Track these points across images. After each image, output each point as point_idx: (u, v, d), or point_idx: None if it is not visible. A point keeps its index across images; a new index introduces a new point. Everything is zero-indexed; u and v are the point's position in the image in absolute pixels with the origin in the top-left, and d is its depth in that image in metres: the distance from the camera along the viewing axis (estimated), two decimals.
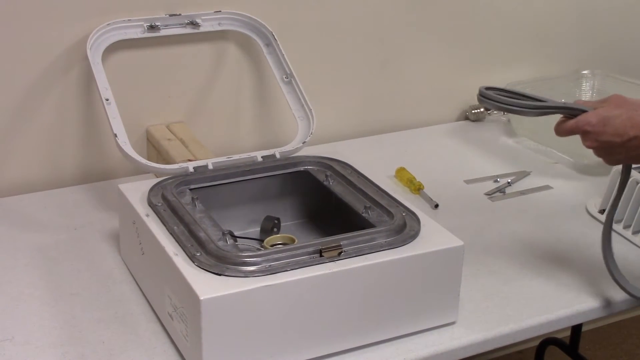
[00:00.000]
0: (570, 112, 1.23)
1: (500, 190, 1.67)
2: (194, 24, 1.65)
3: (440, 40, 1.96)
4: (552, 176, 1.74)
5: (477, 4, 1.97)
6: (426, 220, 1.27)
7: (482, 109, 2.01)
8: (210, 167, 1.41)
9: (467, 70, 2.03)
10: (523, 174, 1.74)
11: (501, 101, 1.24)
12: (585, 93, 2.06)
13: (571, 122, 1.22)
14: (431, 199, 1.60)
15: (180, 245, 1.18)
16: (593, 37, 2.15)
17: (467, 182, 1.70)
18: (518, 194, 1.66)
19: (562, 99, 2.03)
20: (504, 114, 2.00)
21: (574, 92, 2.05)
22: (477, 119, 2.01)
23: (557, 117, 1.86)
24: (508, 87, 1.29)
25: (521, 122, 1.92)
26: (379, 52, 1.90)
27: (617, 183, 1.29)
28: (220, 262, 1.13)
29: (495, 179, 1.71)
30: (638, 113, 1.17)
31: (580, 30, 2.13)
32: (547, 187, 1.70)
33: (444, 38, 1.96)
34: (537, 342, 2.18)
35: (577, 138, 1.76)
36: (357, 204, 1.32)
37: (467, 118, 2.02)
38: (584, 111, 1.22)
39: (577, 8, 2.09)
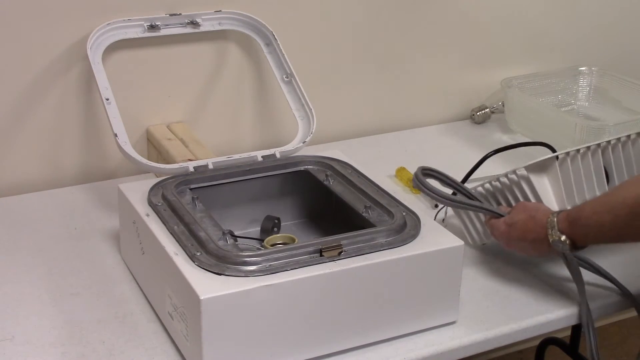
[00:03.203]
0: (490, 213, 1.35)
1: None
2: (194, 23, 1.65)
3: (439, 39, 1.96)
4: None
5: (476, 3, 1.97)
6: (426, 220, 1.27)
7: (487, 110, 2.01)
8: (211, 166, 1.41)
9: (466, 69, 2.03)
10: None
11: (431, 189, 1.34)
12: (583, 90, 2.06)
13: (490, 223, 1.34)
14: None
15: (180, 244, 1.18)
16: (591, 34, 2.15)
17: (468, 181, 1.70)
18: None
19: (559, 96, 2.04)
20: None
21: (571, 89, 2.05)
22: (483, 120, 2.01)
23: (554, 117, 1.87)
24: (449, 176, 1.38)
25: (517, 118, 1.93)
26: (379, 52, 1.90)
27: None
28: (220, 262, 1.13)
29: (495, 178, 1.70)
30: (535, 215, 1.28)
31: (579, 27, 2.13)
32: None
33: (443, 37, 1.96)
34: (537, 342, 2.18)
35: (572, 138, 1.77)
36: (357, 204, 1.32)
37: (472, 119, 2.01)
38: (501, 215, 1.33)
39: (575, 5, 2.09)
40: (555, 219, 1.24)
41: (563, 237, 1.23)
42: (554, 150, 1.53)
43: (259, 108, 1.81)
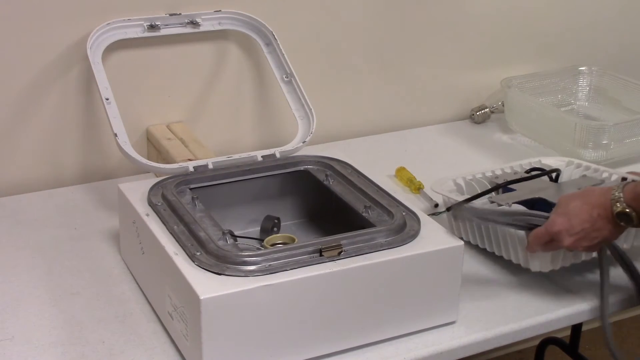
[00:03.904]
0: (534, 222, 1.28)
1: None
2: (194, 23, 1.65)
3: (439, 39, 1.96)
4: None
5: (476, 2, 1.97)
6: (426, 219, 1.27)
7: (487, 109, 2.01)
8: (210, 166, 1.41)
9: (466, 69, 2.03)
10: None
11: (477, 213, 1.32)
12: (582, 90, 2.06)
13: (540, 229, 1.26)
14: (431, 199, 1.60)
15: (180, 244, 1.18)
16: (591, 34, 2.15)
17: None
18: None
19: (559, 95, 2.04)
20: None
21: (571, 89, 2.05)
22: (483, 120, 2.01)
23: (554, 117, 1.87)
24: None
25: (517, 118, 1.93)
26: (379, 52, 1.90)
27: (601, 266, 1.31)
28: (220, 262, 1.13)
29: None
30: (590, 197, 1.24)
31: (579, 27, 2.13)
32: None
33: (443, 37, 1.96)
34: (537, 342, 2.18)
35: (572, 138, 1.77)
36: (357, 204, 1.32)
37: (472, 119, 2.01)
38: (546, 218, 1.27)
39: (575, 5, 2.09)
40: (622, 191, 1.20)
41: (628, 210, 1.19)
42: (555, 180, 1.51)
43: (259, 108, 1.81)
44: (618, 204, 1.20)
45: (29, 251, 1.42)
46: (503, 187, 1.45)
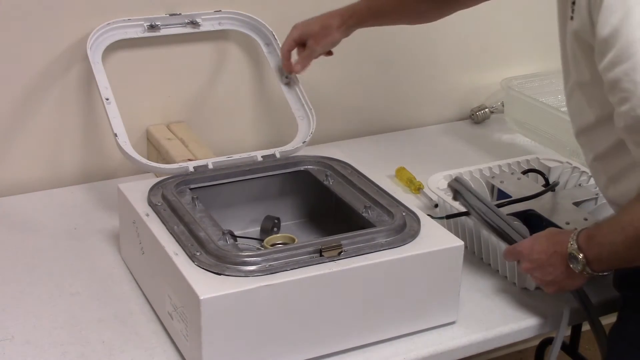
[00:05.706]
0: (511, 237, 1.30)
1: None
2: (194, 23, 1.65)
3: (439, 39, 1.96)
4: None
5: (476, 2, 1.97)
6: (426, 220, 1.27)
7: (487, 110, 2.01)
8: (211, 166, 1.41)
9: (466, 69, 2.03)
10: None
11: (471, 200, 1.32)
12: None
13: (512, 246, 1.28)
14: (431, 199, 1.59)
15: (180, 244, 1.18)
16: None
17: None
18: None
19: (559, 96, 2.04)
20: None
21: None
22: (482, 120, 2.01)
23: (554, 117, 1.87)
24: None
25: (517, 118, 1.93)
26: (379, 52, 1.90)
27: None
28: (220, 262, 1.13)
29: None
30: (557, 235, 1.24)
31: None
32: None
33: (443, 37, 1.96)
34: (537, 342, 2.18)
35: (572, 138, 1.77)
36: (357, 204, 1.32)
37: (471, 119, 2.01)
38: (522, 237, 1.29)
39: None
40: (577, 234, 1.19)
41: (581, 255, 1.17)
42: (553, 189, 1.51)
43: (259, 108, 1.81)
44: (572, 243, 1.19)
45: (29, 251, 1.42)
46: (499, 191, 1.48)
